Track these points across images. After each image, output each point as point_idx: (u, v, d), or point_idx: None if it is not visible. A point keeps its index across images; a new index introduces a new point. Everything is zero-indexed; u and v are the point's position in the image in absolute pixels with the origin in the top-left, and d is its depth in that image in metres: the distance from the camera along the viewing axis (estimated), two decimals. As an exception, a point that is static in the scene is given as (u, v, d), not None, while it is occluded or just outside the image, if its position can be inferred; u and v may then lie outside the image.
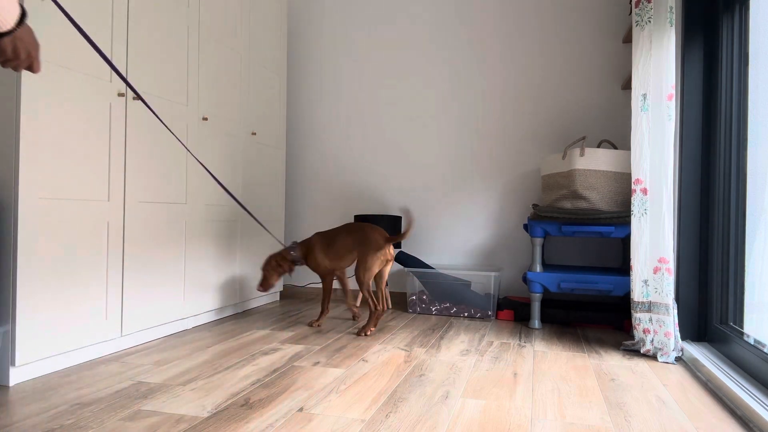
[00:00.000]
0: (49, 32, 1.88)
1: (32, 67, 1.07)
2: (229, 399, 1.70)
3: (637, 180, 2.38)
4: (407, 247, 3.63)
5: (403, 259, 3.32)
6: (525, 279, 2.92)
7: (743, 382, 1.80)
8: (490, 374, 2.02)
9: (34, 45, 1.05)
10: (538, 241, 2.89)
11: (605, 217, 2.75)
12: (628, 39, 3.17)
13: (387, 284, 2.68)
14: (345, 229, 2.68)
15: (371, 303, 2.58)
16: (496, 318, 3.13)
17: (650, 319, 2.34)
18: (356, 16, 3.76)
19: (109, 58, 2.15)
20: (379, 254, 2.57)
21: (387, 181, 3.68)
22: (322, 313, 2.79)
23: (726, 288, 2.23)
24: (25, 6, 1.78)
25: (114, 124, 2.17)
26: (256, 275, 3.29)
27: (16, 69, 1.04)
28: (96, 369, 1.99)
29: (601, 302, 3.23)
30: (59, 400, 1.66)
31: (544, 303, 3.13)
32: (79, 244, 2.02)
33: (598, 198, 2.78)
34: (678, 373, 2.09)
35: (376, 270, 2.58)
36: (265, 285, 2.73)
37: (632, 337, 2.49)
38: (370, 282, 2.58)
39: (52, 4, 1.88)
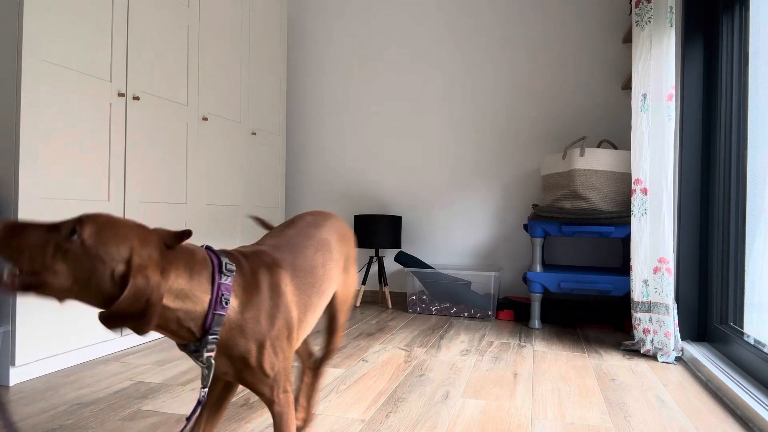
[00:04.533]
0: (49, 32, 1.88)
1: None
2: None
3: (637, 180, 2.38)
4: (407, 247, 3.63)
5: (403, 259, 3.32)
6: (525, 279, 2.92)
7: (743, 382, 1.80)
8: (490, 374, 2.02)
9: None
10: (538, 241, 2.89)
11: (605, 217, 2.75)
12: (628, 39, 3.17)
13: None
14: (328, 231, 1.20)
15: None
16: (496, 318, 3.13)
17: (650, 319, 2.34)
18: (356, 16, 3.76)
19: (110, 57, 2.15)
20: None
21: (387, 181, 3.68)
22: None
23: (726, 288, 2.23)
24: (28, 2, 1.78)
25: (114, 124, 2.17)
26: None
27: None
28: (96, 369, 1.99)
29: (601, 302, 3.23)
30: (59, 400, 1.66)
31: (544, 303, 3.13)
32: (79, 244, 2.02)
33: (598, 198, 2.78)
34: (678, 373, 2.09)
35: None
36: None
37: (632, 337, 2.49)
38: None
39: (52, 3, 1.88)
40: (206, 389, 0.87)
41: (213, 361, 0.86)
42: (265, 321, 0.91)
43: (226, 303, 0.86)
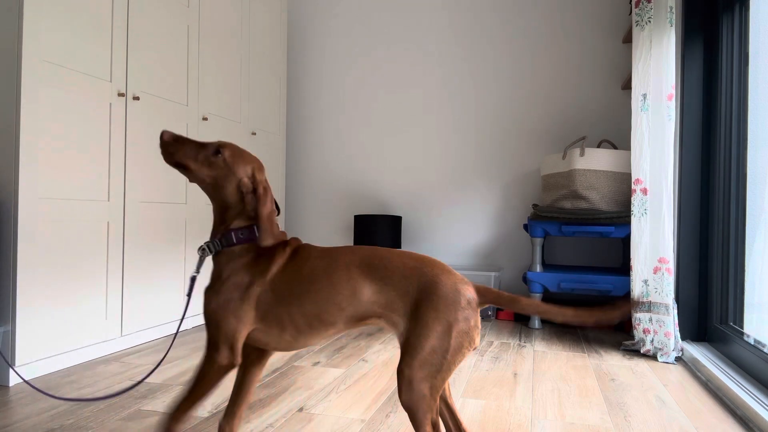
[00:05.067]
0: (49, 32, 1.88)
1: None
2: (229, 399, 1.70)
3: (637, 180, 2.37)
4: (407, 247, 3.63)
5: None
6: (525, 279, 2.92)
7: (743, 382, 1.80)
8: (490, 374, 2.02)
9: None
10: (538, 241, 2.89)
11: (605, 217, 2.75)
12: (628, 39, 3.17)
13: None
14: (355, 255, 1.13)
15: None
16: (496, 318, 3.13)
17: (650, 319, 2.34)
18: (356, 16, 3.76)
19: (110, 57, 2.15)
20: (464, 324, 1.05)
21: (387, 181, 3.68)
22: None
23: (726, 288, 2.23)
24: (28, 2, 1.78)
25: (114, 124, 2.17)
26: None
27: None
28: (96, 369, 1.99)
29: (601, 302, 3.23)
30: (59, 401, 1.66)
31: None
32: (79, 244, 2.02)
33: (598, 198, 2.78)
34: (678, 373, 2.09)
35: (454, 370, 1.06)
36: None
37: (632, 337, 2.49)
38: (437, 403, 1.05)
39: (52, 2, 1.88)
40: (196, 272, 1.19)
41: (201, 252, 1.15)
42: (237, 273, 1.11)
43: (241, 235, 1.14)
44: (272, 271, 1.10)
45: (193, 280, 1.18)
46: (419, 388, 1.01)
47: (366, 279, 1.08)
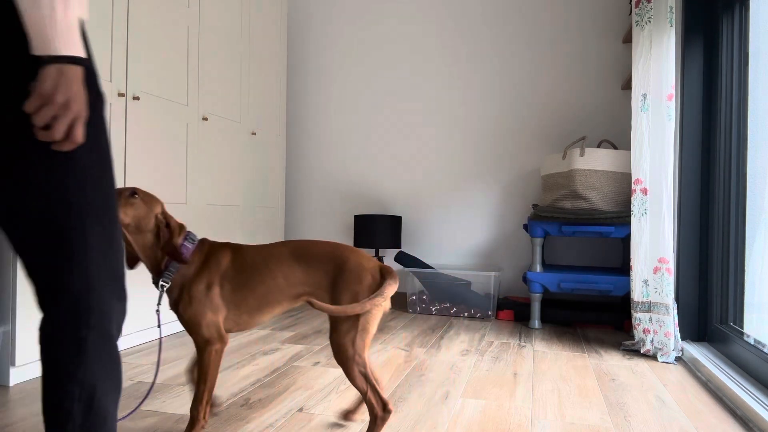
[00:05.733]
0: (49, 32, 1.88)
1: (72, 131, 0.75)
2: (229, 399, 1.70)
3: (637, 180, 2.38)
4: (407, 247, 3.63)
5: (403, 259, 3.32)
6: (525, 279, 2.92)
7: (743, 382, 1.80)
8: (490, 374, 2.02)
9: (79, 100, 0.75)
10: (538, 241, 2.89)
11: (605, 217, 2.75)
12: (628, 39, 3.17)
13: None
14: (285, 247, 1.39)
15: (374, 399, 1.33)
16: (496, 318, 3.13)
17: (650, 319, 2.34)
18: (356, 16, 3.76)
19: (110, 57, 2.15)
20: (368, 293, 1.32)
21: (387, 181, 3.68)
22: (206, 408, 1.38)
23: (726, 288, 2.23)
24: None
25: (114, 124, 2.17)
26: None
27: (51, 129, 0.73)
28: (96, 369, 1.99)
29: (601, 302, 3.23)
30: (59, 400, 1.66)
31: (544, 303, 3.13)
32: (79, 244, 2.02)
33: (598, 198, 2.78)
34: (678, 373, 2.09)
35: (375, 329, 1.34)
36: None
37: (632, 337, 2.49)
38: (366, 356, 1.33)
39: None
40: (158, 306, 1.35)
41: (162, 288, 1.33)
42: (196, 280, 1.33)
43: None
44: (222, 268, 1.35)
45: (158, 312, 1.36)
46: (345, 349, 1.29)
47: (295, 264, 1.33)
